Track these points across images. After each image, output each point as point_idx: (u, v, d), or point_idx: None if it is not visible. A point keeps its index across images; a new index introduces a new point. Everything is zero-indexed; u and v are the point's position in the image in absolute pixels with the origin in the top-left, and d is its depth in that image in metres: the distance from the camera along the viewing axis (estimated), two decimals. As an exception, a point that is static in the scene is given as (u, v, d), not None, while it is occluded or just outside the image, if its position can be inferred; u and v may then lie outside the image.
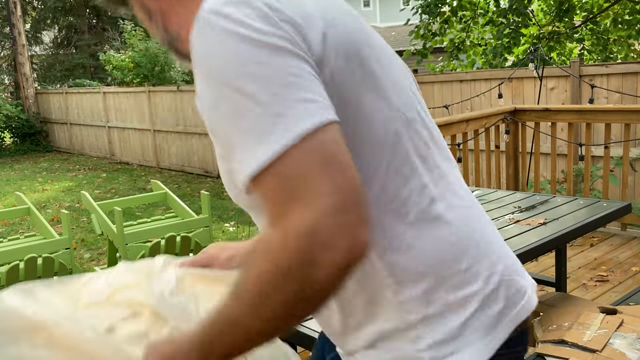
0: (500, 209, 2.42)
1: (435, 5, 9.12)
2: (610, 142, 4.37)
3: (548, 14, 9.21)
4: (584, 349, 1.70)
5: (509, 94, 5.92)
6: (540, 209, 2.37)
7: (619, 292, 3.46)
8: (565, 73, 5.43)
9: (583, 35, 8.79)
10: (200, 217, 4.48)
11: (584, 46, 8.92)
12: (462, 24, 9.56)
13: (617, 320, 1.83)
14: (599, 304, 1.99)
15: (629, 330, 1.77)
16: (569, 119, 4.52)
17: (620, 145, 4.59)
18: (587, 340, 1.73)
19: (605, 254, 4.15)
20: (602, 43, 8.49)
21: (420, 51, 9.58)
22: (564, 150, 5.23)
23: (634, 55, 8.64)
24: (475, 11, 9.42)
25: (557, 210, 2.32)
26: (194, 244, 4.32)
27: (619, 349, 1.68)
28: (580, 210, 2.31)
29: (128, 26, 12.70)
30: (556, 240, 2.01)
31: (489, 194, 2.71)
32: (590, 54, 8.86)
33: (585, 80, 5.18)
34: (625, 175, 4.39)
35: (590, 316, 1.88)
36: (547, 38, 8.50)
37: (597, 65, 5.50)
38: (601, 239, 4.46)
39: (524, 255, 1.88)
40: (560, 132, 5.29)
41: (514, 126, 4.81)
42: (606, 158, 4.33)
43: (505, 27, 8.41)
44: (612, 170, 4.82)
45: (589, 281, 3.65)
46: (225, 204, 8.23)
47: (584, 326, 1.82)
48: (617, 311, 1.91)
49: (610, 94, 5.14)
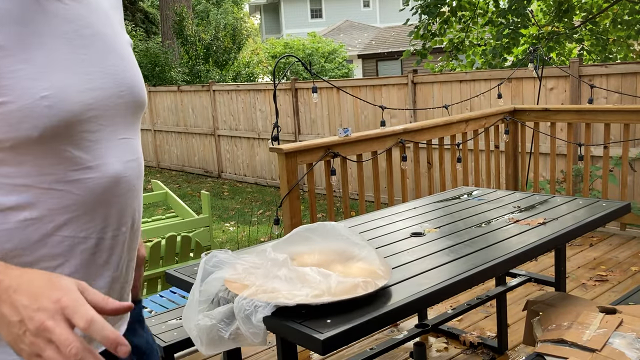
0: (500, 208, 2.43)
1: (435, 5, 9.12)
2: (610, 142, 4.38)
3: (547, 14, 9.21)
4: (583, 349, 1.70)
5: (509, 94, 5.93)
6: (540, 208, 2.38)
7: (618, 291, 3.47)
8: (564, 73, 5.44)
9: (582, 35, 8.79)
10: (200, 217, 4.49)
11: (584, 46, 8.92)
12: (461, 24, 9.57)
13: (617, 319, 1.83)
14: (598, 304, 2.00)
15: (628, 329, 1.78)
16: (568, 119, 4.52)
17: (620, 145, 4.60)
18: (587, 339, 1.74)
19: (605, 253, 4.16)
20: (602, 43, 8.49)
21: (420, 51, 9.59)
22: (563, 150, 5.24)
23: (633, 55, 8.65)
24: (475, 11, 9.43)
25: (557, 210, 2.33)
26: (195, 243, 4.32)
27: (619, 349, 1.69)
28: (580, 210, 2.31)
29: (128, 27, 12.72)
30: (555, 240, 2.01)
31: (489, 194, 2.72)
32: (589, 54, 8.86)
33: (585, 80, 5.19)
34: (624, 175, 4.40)
35: (589, 316, 1.88)
36: (546, 38, 8.51)
37: (597, 65, 5.50)
38: (600, 239, 4.47)
39: (523, 255, 1.88)
40: (560, 132, 5.30)
41: (513, 126, 4.82)
42: (605, 158, 4.33)
43: (504, 28, 8.41)
44: (612, 170, 4.83)
45: (589, 281, 3.66)
46: (226, 204, 8.24)
47: (584, 326, 1.82)
48: (616, 311, 1.91)
49: (610, 94, 5.14)
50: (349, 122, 7.62)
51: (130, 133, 1.00)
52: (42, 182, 0.87)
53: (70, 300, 0.74)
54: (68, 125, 0.87)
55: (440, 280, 1.64)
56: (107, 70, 0.94)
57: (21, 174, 0.86)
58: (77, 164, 0.90)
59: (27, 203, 0.87)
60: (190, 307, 1.49)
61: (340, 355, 2.91)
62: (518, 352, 2.84)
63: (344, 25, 27.19)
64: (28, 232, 0.88)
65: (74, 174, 0.90)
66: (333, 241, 1.65)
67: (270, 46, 18.60)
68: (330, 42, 18.36)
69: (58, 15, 0.89)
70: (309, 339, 1.34)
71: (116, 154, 0.96)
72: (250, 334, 1.40)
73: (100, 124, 0.93)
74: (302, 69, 15.79)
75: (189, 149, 10.71)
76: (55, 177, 0.88)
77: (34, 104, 0.83)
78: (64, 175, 0.89)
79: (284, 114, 8.46)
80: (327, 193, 3.55)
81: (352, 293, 1.41)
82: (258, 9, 35.88)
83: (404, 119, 7.00)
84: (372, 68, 22.26)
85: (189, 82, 12.88)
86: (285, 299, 1.39)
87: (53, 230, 0.89)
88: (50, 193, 0.88)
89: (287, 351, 1.60)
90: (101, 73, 0.93)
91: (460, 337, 2.97)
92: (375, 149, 3.72)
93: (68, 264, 0.92)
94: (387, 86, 7.16)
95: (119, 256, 0.99)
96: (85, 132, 0.90)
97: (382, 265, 1.57)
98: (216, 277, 1.52)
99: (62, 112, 0.86)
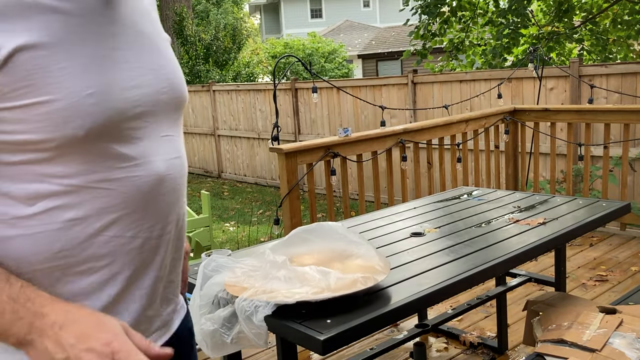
0: (500, 208, 2.43)
1: (435, 5, 9.12)
2: (610, 142, 4.38)
3: (547, 15, 9.21)
4: (583, 349, 1.70)
5: (509, 94, 5.93)
6: (540, 208, 2.38)
7: (618, 291, 3.47)
8: (564, 73, 5.44)
9: (582, 35, 8.79)
10: (200, 217, 4.49)
11: (584, 46, 8.92)
12: (461, 24, 9.57)
13: (617, 319, 1.83)
14: (598, 304, 2.00)
15: (628, 329, 1.78)
16: (568, 119, 4.52)
17: (620, 145, 4.60)
18: (587, 339, 1.74)
19: (605, 253, 4.16)
20: (602, 43, 8.49)
21: (420, 51, 9.59)
22: (563, 150, 5.24)
23: (633, 55, 8.64)
24: (475, 11, 9.42)
25: (557, 210, 2.33)
26: (195, 243, 4.32)
27: (619, 349, 1.69)
28: (580, 210, 2.31)
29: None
30: (555, 240, 2.01)
31: (489, 194, 2.71)
32: (589, 54, 8.86)
33: (585, 80, 5.19)
34: (624, 175, 4.40)
35: (589, 316, 1.88)
36: (546, 38, 8.51)
37: (597, 65, 5.50)
38: (600, 239, 4.47)
39: (523, 255, 1.88)
40: (560, 132, 5.30)
41: (513, 126, 4.82)
42: (605, 158, 4.33)
43: (504, 28, 8.41)
44: (612, 170, 4.83)
45: (589, 281, 3.66)
46: (226, 204, 8.24)
47: (584, 326, 1.82)
48: (616, 311, 1.91)
49: (610, 94, 5.14)
50: (349, 122, 7.62)
51: (172, 130, 0.99)
52: (88, 181, 0.86)
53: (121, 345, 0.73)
54: (114, 122, 0.86)
55: (440, 280, 1.64)
56: (150, 67, 0.93)
57: (66, 174, 0.84)
58: (123, 161, 0.88)
59: (73, 203, 0.85)
60: (192, 311, 1.49)
61: (340, 355, 2.91)
62: (518, 352, 2.84)
63: (344, 25, 27.19)
64: (74, 232, 0.86)
65: (119, 172, 0.88)
66: (331, 241, 1.65)
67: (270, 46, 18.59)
68: (330, 42, 18.35)
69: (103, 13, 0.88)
70: (309, 339, 1.34)
71: (160, 152, 0.94)
72: (254, 335, 1.40)
73: (145, 121, 0.92)
74: (302, 69, 15.79)
75: (189, 149, 10.71)
76: (101, 175, 0.87)
77: (80, 102, 0.82)
78: (110, 174, 0.87)
79: (284, 114, 8.46)
80: (327, 193, 3.55)
81: (351, 288, 1.42)
82: (258, 9, 35.88)
83: (404, 119, 7.00)
84: (372, 68, 22.25)
85: (189, 82, 12.88)
86: (284, 297, 1.39)
87: (99, 230, 0.88)
88: (96, 192, 0.87)
89: (287, 351, 1.60)
90: (144, 70, 0.92)
91: (460, 337, 2.97)
92: (375, 149, 3.72)
93: (114, 265, 0.90)
94: (387, 86, 7.16)
95: (163, 256, 0.97)
96: (130, 130, 0.89)
97: (380, 262, 1.57)
98: (215, 281, 1.53)
99: (107, 109, 0.85)
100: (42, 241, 0.84)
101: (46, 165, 0.83)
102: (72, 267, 0.86)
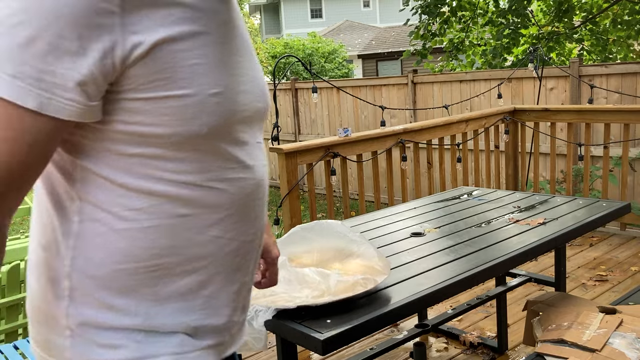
0: (500, 208, 2.43)
1: (435, 5, 9.13)
2: (610, 142, 4.38)
3: (547, 15, 9.21)
4: (583, 349, 1.70)
5: (509, 94, 5.93)
6: (540, 208, 2.38)
7: (618, 291, 3.47)
8: (564, 73, 5.44)
9: (582, 35, 8.80)
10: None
11: (584, 46, 8.93)
12: (461, 24, 9.57)
13: (617, 319, 1.83)
14: (598, 304, 2.00)
15: (628, 329, 1.78)
16: (568, 119, 4.53)
17: (620, 145, 4.60)
18: (587, 339, 1.74)
19: (605, 253, 4.16)
20: (602, 43, 8.50)
21: (420, 51, 9.59)
22: (563, 150, 5.24)
23: (633, 55, 8.65)
24: (475, 11, 9.43)
25: (557, 210, 2.33)
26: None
27: (618, 349, 1.69)
28: (580, 210, 2.31)
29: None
30: (555, 240, 2.01)
31: (489, 194, 2.72)
32: (589, 54, 8.87)
33: (585, 80, 5.19)
34: (624, 175, 4.40)
35: (589, 316, 1.88)
36: (546, 38, 8.51)
37: (597, 65, 5.51)
38: (600, 239, 4.47)
39: (523, 255, 1.89)
40: (560, 132, 5.30)
41: (513, 126, 4.82)
42: (605, 158, 4.34)
43: (504, 28, 8.42)
44: (612, 170, 4.83)
45: (589, 281, 3.66)
46: (225, 204, 8.23)
47: (584, 326, 1.82)
48: (616, 311, 1.91)
49: (610, 94, 5.14)
50: (349, 122, 7.62)
51: (261, 137, 1.00)
52: (202, 180, 0.86)
53: None
54: (229, 123, 0.87)
55: (440, 280, 1.64)
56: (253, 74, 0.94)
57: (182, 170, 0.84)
58: (234, 162, 0.89)
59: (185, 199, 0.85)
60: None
61: (340, 355, 2.91)
62: (518, 352, 2.84)
63: (344, 25, 27.20)
64: (183, 229, 0.86)
65: (230, 173, 0.89)
66: (330, 239, 1.65)
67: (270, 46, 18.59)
68: (330, 42, 18.35)
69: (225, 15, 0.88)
70: (309, 339, 1.34)
71: (259, 157, 0.96)
72: (253, 339, 1.40)
73: (249, 126, 0.93)
74: (302, 69, 15.78)
75: (189, 149, 10.71)
76: (214, 174, 0.87)
77: (207, 99, 0.82)
78: (222, 174, 0.88)
79: (284, 114, 8.46)
80: (327, 193, 3.55)
81: (352, 291, 1.42)
82: (258, 9, 35.89)
83: (404, 119, 7.00)
84: (372, 68, 22.26)
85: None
86: (285, 302, 1.39)
87: (203, 228, 0.88)
88: (208, 191, 0.87)
89: (287, 351, 1.60)
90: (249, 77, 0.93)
91: (460, 337, 2.97)
92: (375, 149, 3.72)
93: (212, 266, 0.90)
94: (387, 86, 7.16)
95: (249, 261, 0.97)
96: (240, 133, 0.90)
97: (380, 261, 1.57)
98: None
99: (227, 110, 0.85)
100: (152, 236, 0.84)
101: (163, 160, 0.83)
102: (176, 266, 0.86)
